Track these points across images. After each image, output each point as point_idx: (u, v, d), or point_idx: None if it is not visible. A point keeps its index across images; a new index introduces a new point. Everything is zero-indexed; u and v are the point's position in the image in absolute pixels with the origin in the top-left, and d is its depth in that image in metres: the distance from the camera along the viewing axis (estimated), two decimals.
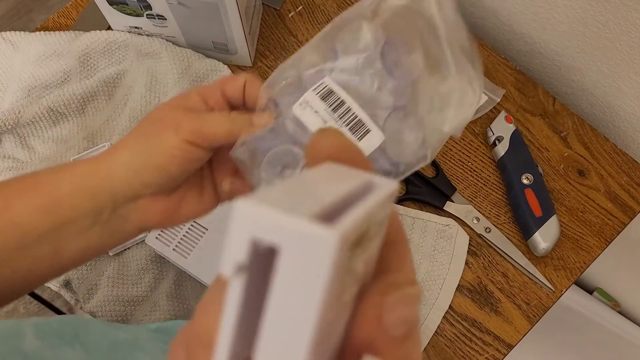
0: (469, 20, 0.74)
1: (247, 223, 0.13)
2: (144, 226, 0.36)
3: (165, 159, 0.33)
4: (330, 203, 0.14)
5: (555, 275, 0.57)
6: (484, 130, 0.63)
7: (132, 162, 0.33)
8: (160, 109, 0.35)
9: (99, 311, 0.54)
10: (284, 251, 0.13)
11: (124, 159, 0.34)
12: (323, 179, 0.16)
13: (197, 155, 0.34)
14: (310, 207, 0.13)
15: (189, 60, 0.62)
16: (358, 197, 0.15)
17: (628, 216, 0.59)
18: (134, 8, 0.58)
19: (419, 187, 0.60)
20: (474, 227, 0.59)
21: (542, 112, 0.64)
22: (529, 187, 0.58)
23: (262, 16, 0.68)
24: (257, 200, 0.13)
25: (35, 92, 0.61)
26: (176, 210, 0.36)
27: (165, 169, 0.33)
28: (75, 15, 0.68)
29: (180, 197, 0.36)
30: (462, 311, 0.56)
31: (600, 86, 0.65)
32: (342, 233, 0.12)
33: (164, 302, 0.55)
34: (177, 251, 0.52)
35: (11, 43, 0.64)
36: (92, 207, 0.33)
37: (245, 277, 0.13)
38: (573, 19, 0.61)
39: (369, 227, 0.15)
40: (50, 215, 0.33)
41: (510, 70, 0.66)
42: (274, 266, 0.13)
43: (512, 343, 0.55)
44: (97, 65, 0.64)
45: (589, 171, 0.61)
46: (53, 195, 0.33)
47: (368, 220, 0.14)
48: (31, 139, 0.60)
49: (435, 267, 0.57)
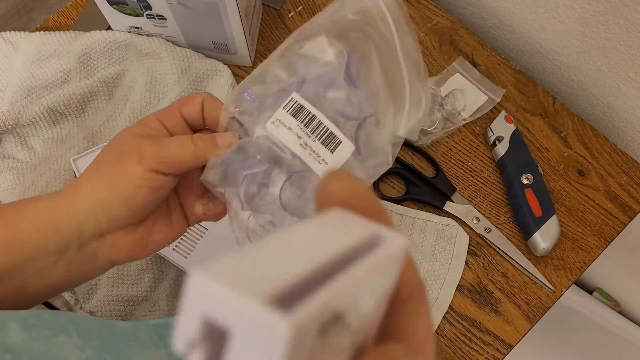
0: (469, 19, 0.74)
1: (198, 298, 0.12)
2: (115, 260, 0.34)
3: (130, 190, 0.32)
4: (309, 273, 0.12)
5: (555, 275, 0.57)
6: (484, 130, 0.63)
7: (96, 195, 0.32)
8: (120, 137, 0.34)
9: (99, 311, 0.54)
10: (235, 334, 0.11)
11: (88, 192, 0.32)
12: (320, 234, 0.15)
13: (163, 183, 0.33)
14: (276, 282, 0.12)
15: (189, 60, 0.62)
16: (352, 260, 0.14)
17: (628, 216, 0.59)
18: (133, 8, 0.58)
19: (419, 187, 0.60)
20: (474, 227, 0.59)
21: (542, 112, 0.64)
22: (529, 187, 0.58)
23: (262, 16, 0.68)
24: (211, 272, 0.12)
25: (35, 92, 0.61)
26: (147, 240, 0.35)
27: (131, 200, 0.32)
28: (75, 15, 0.68)
29: (150, 226, 0.35)
30: (462, 311, 0.56)
31: (600, 86, 0.65)
32: (298, 322, 0.11)
33: (163, 302, 0.55)
34: (177, 251, 0.52)
35: (11, 43, 0.64)
36: (56, 244, 0.32)
37: (198, 353, 0.12)
38: (573, 19, 0.61)
39: (355, 301, 0.13)
40: (11, 253, 0.31)
41: (510, 70, 0.66)
42: (226, 348, 0.12)
43: (512, 343, 0.55)
44: (97, 65, 0.64)
45: (589, 171, 0.61)
46: (13, 232, 0.31)
47: (352, 292, 0.13)
48: (31, 139, 0.60)
49: (435, 267, 0.57)
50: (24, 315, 0.29)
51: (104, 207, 0.32)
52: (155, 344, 0.40)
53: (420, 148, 0.62)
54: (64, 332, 0.30)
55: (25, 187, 0.57)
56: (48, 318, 0.30)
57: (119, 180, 0.32)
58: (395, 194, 0.61)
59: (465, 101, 0.63)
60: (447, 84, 0.64)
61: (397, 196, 0.60)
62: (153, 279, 0.56)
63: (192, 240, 0.52)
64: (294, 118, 0.33)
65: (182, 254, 0.52)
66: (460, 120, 0.63)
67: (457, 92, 0.63)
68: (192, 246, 0.52)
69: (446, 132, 0.62)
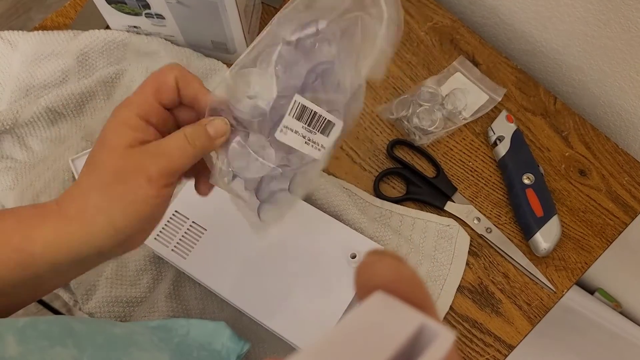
0: (470, 18, 0.74)
1: None
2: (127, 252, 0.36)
3: (148, 211, 0.32)
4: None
5: (557, 276, 0.57)
6: (484, 130, 0.63)
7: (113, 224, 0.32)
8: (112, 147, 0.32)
9: (98, 312, 0.54)
10: None
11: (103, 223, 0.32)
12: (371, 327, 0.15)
13: (174, 189, 0.34)
14: None
15: (188, 59, 0.62)
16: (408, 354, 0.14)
17: (629, 216, 0.59)
18: (132, 7, 0.58)
19: (419, 187, 0.60)
20: (474, 227, 0.58)
21: (544, 112, 0.63)
22: (530, 187, 0.58)
23: (261, 15, 0.67)
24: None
25: (34, 92, 0.61)
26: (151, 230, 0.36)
27: (149, 217, 0.33)
28: (73, 15, 0.68)
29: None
30: (463, 312, 0.56)
31: (601, 85, 0.64)
32: None
33: (162, 302, 0.54)
34: (176, 252, 0.52)
35: (9, 42, 0.63)
36: (74, 262, 0.32)
37: None
38: (574, 18, 0.60)
39: None
40: (24, 270, 0.31)
41: (512, 70, 0.65)
42: None
43: (513, 344, 0.55)
44: (96, 65, 0.63)
45: (590, 171, 0.61)
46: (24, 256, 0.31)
47: None
48: (29, 138, 0.60)
49: (435, 268, 0.56)
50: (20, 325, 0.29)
51: (123, 231, 0.32)
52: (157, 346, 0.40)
53: (421, 148, 0.61)
54: (60, 343, 0.30)
55: (24, 187, 0.57)
56: (44, 329, 0.30)
57: (134, 204, 0.32)
58: (395, 194, 0.60)
59: (466, 101, 0.63)
60: (447, 83, 0.64)
61: (397, 196, 0.60)
62: (152, 280, 0.56)
63: (191, 240, 0.52)
64: (298, 121, 0.35)
65: (181, 255, 0.52)
66: (461, 119, 0.63)
67: (457, 92, 0.63)
68: (191, 247, 0.52)
69: (447, 131, 0.62)
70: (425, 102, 0.62)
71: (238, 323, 0.54)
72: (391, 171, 0.61)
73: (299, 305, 0.49)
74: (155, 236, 0.52)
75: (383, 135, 0.62)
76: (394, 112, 0.63)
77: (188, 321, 0.50)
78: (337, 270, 0.49)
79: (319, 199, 0.57)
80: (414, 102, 0.63)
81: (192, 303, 0.55)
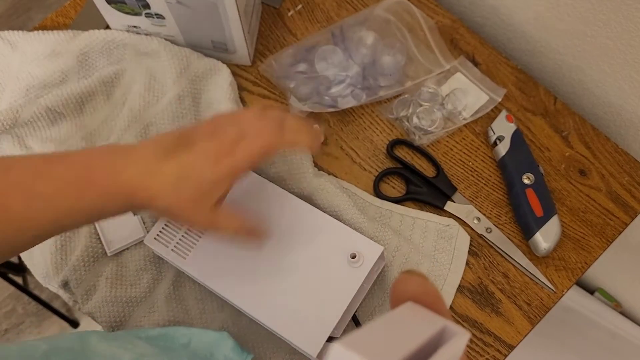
0: (470, 18, 0.74)
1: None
2: None
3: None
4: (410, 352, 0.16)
5: (557, 276, 0.57)
6: (484, 130, 0.63)
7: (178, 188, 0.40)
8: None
9: (97, 312, 0.54)
10: None
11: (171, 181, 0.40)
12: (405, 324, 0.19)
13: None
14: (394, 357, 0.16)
15: (187, 59, 0.62)
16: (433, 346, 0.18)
17: (629, 216, 0.59)
18: (132, 7, 0.58)
19: (419, 187, 0.60)
20: (474, 227, 0.58)
21: (544, 112, 0.63)
22: (530, 187, 0.58)
23: (261, 15, 0.67)
24: (350, 345, 0.15)
25: (34, 92, 0.61)
26: None
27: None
28: (73, 15, 0.68)
29: None
30: (463, 312, 0.56)
31: (601, 85, 0.64)
32: None
33: (162, 303, 0.54)
34: (176, 252, 0.52)
35: (9, 42, 0.63)
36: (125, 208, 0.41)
37: None
38: (574, 18, 0.60)
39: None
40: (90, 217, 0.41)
41: (511, 69, 0.65)
42: None
43: (513, 344, 0.55)
44: (96, 65, 0.63)
45: (591, 171, 0.61)
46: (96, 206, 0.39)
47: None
48: (29, 139, 0.60)
49: (435, 268, 0.56)
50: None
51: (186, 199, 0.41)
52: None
53: (421, 148, 0.61)
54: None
55: None
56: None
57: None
58: (395, 194, 0.60)
59: (466, 101, 0.63)
60: (447, 83, 0.64)
61: (397, 196, 0.60)
62: (152, 280, 0.56)
63: (191, 241, 0.52)
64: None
65: (181, 255, 0.52)
66: (461, 119, 0.63)
67: (457, 92, 0.63)
68: (190, 247, 0.52)
69: (447, 131, 0.62)
70: (425, 102, 0.62)
71: (238, 323, 0.54)
72: (391, 171, 0.61)
73: (299, 305, 0.49)
74: (155, 236, 0.52)
75: (383, 135, 0.62)
76: (394, 112, 0.63)
77: (190, 330, 0.50)
78: (337, 270, 0.49)
79: (319, 199, 0.57)
80: (414, 102, 0.63)
81: (192, 303, 0.55)
